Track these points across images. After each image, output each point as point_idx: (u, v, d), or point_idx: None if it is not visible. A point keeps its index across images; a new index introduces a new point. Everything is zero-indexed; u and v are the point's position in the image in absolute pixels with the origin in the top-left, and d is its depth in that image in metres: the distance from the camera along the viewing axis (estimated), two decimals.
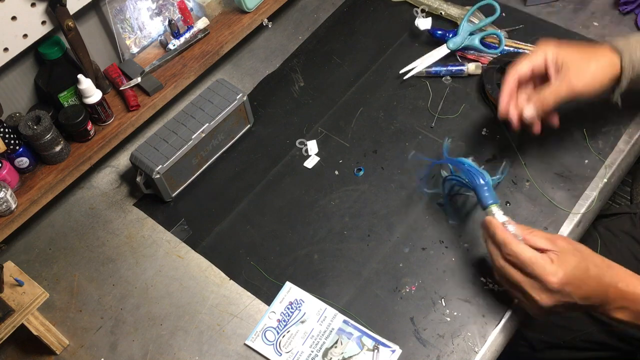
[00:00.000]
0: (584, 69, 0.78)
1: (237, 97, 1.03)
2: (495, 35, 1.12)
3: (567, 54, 0.79)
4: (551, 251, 0.72)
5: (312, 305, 0.88)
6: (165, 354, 0.88)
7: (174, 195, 1.03)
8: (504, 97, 0.81)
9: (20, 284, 0.83)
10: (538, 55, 0.79)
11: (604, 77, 0.79)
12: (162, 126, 1.01)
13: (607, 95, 0.83)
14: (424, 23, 1.17)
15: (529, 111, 0.79)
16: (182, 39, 1.12)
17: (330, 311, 0.87)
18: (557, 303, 0.72)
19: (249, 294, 0.91)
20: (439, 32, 1.14)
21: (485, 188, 0.80)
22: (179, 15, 1.13)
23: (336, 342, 0.84)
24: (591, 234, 1.05)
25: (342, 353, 0.83)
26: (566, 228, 0.91)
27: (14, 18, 0.88)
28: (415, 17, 1.18)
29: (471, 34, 1.12)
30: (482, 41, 1.12)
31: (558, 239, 0.74)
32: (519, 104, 0.83)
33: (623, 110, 0.92)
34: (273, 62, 1.21)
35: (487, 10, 1.14)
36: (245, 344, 0.87)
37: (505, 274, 0.75)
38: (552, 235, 0.75)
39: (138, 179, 0.99)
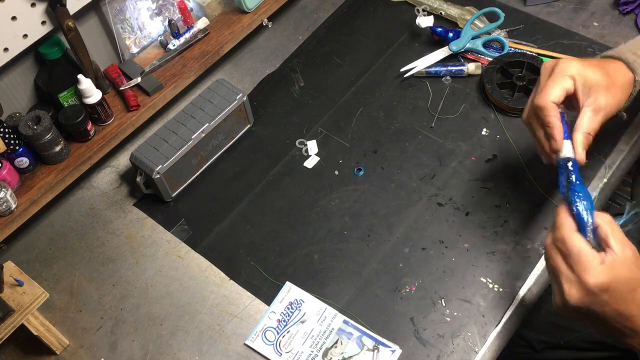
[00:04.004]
0: (612, 96, 0.78)
1: (237, 97, 1.03)
2: (498, 41, 1.12)
3: (593, 79, 0.77)
4: (611, 251, 0.66)
5: (312, 305, 0.88)
6: (165, 354, 0.88)
7: (174, 195, 1.03)
8: (560, 138, 0.77)
9: (20, 284, 0.83)
10: (567, 81, 0.76)
11: (624, 97, 0.79)
12: (162, 126, 1.01)
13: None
14: (425, 21, 1.16)
15: (583, 157, 0.77)
16: (182, 39, 1.12)
17: (330, 311, 0.87)
18: (585, 305, 0.65)
19: (249, 294, 0.91)
20: (440, 29, 1.14)
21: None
22: (179, 15, 1.13)
23: (336, 342, 0.84)
24: None
25: (342, 353, 0.83)
26: None
27: (14, 18, 0.88)
28: (415, 17, 1.18)
29: (474, 37, 1.12)
30: (484, 45, 1.12)
31: (630, 247, 0.67)
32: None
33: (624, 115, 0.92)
34: (273, 62, 1.21)
35: (489, 15, 1.14)
36: (245, 344, 0.87)
37: (547, 255, 0.70)
38: (628, 241, 0.67)
39: (138, 179, 0.99)
